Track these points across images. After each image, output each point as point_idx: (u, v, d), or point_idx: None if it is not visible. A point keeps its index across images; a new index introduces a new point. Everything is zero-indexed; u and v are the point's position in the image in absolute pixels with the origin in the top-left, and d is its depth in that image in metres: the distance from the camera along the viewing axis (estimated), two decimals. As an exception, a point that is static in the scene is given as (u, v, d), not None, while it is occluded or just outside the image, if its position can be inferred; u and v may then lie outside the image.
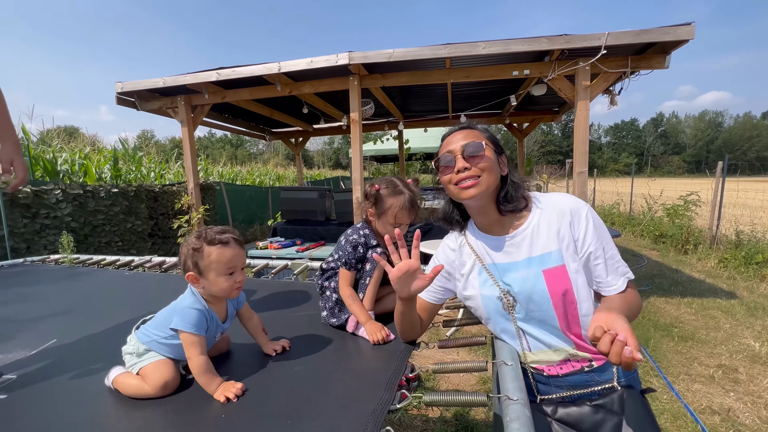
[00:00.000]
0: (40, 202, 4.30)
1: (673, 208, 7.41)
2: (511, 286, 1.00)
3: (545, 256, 0.96)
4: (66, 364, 1.11)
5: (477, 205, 1.00)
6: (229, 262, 0.98)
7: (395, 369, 1.01)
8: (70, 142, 8.26)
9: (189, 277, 0.98)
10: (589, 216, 0.96)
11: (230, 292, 1.00)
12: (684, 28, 2.96)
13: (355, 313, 1.26)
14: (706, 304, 4.07)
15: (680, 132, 79.57)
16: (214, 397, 0.90)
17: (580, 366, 0.98)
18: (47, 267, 2.56)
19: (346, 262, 1.29)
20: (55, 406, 0.90)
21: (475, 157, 0.95)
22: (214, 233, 0.99)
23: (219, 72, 3.96)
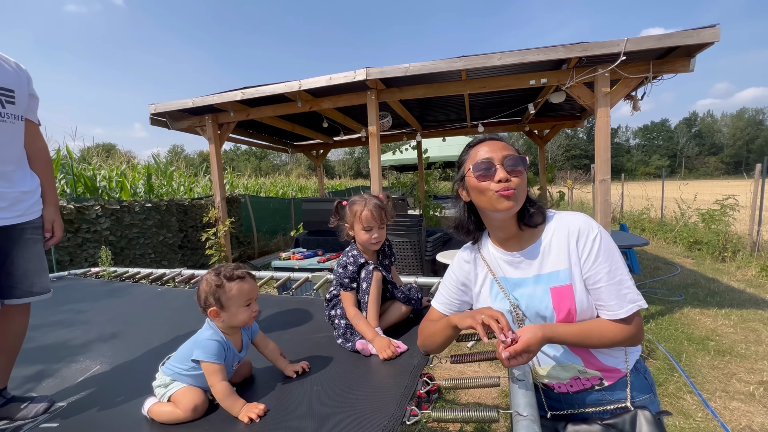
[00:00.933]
0: (81, 217, 4.61)
1: (708, 213, 7.04)
2: (519, 301, 1.01)
3: (554, 274, 0.97)
4: (108, 392, 1.21)
5: (503, 218, 1.00)
6: (247, 295, 1.08)
7: (407, 385, 1.04)
8: (108, 159, 8.82)
9: (211, 312, 1.06)
10: (597, 238, 0.94)
11: (248, 321, 1.10)
12: (708, 30, 2.87)
13: (362, 331, 1.30)
14: (747, 315, 3.84)
15: (716, 132, 75.47)
16: (238, 418, 0.97)
17: (590, 384, 0.98)
18: (89, 281, 2.75)
19: (341, 284, 1.38)
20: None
21: (514, 171, 0.95)
22: (231, 270, 1.09)
23: (243, 91, 4.16)
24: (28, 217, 1.22)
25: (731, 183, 11.30)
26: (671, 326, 3.62)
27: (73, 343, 1.64)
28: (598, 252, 0.93)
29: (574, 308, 0.94)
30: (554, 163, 7.63)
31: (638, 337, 0.93)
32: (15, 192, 1.18)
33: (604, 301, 0.92)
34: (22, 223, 1.20)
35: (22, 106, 1.24)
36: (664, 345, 3.23)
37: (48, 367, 1.41)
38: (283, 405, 1.03)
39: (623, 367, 0.98)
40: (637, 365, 1.00)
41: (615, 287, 0.91)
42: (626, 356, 0.99)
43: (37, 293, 1.25)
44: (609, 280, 0.91)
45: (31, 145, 1.32)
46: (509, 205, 0.94)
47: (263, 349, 1.22)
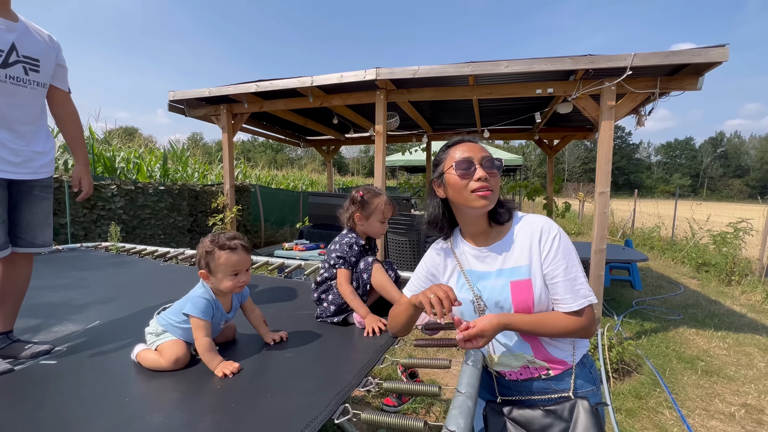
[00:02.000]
0: (98, 195, 4.84)
1: (720, 236, 6.90)
2: (482, 293, 1.09)
3: (515, 269, 1.04)
4: (104, 341, 1.34)
5: (476, 215, 1.07)
6: (235, 266, 1.16)
7: (369, 360, 1.13)
8: (130, 142, 9.15)
9: (201, 274, 1.18)
10: (557, 238, 1.02)
11: (233, 289, 1.18)
12: (717, 50, 2.87)
13: (355, 308, 1.41)
14: (743, 339, 3.80)
15: (743, 153, 73.03)
16: (214, 372, 1.07)
17: (537, 373, 1.05)
18: (98, 253, 2.92)
19: (346, 260, 1.46)
20: (92, 372, 1.12)
21: (491, 171, 1.03)
22: (225, 239, 1.18)
23: (258, 84, 4.30)
24: (38, 175, 1.36)
25: (748, 207, 11.00)
26: (663, 344, 3.60)
27: (77, 302, 1.78)
28: (557, 250, 1.01)
29: (531, 301, 1.01)
30: (562, 175, 7.56)
31: (589, 330, 1.00)
32: (29, 150, 1.32)
33: (560, 295, 1.00)
34: (32, 180, 1.34)
35: (47, 75, 1.38)
36: (653, 361, 3.23)
37: (52, 319, 1.56)
38: (257, 366, 1.13)
39: (570, 360, 1.05)
40: (584, 359, 1.07)
41: (570, 283, 0.99)
42: (574, 350, 1.06)
43: (39, 245, 1.38)
44: (565, 276, 0.99)
45: (63, 109, 1.47)
46: (485, 203, 1.01)
47: (249, 314, 1.32)
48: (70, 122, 1.49)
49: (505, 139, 7.41)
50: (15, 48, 1.25)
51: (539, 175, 52.55)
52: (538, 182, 7.03)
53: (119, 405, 0.92)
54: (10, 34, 1.24)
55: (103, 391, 1.00)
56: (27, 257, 1.39)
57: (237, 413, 0.87)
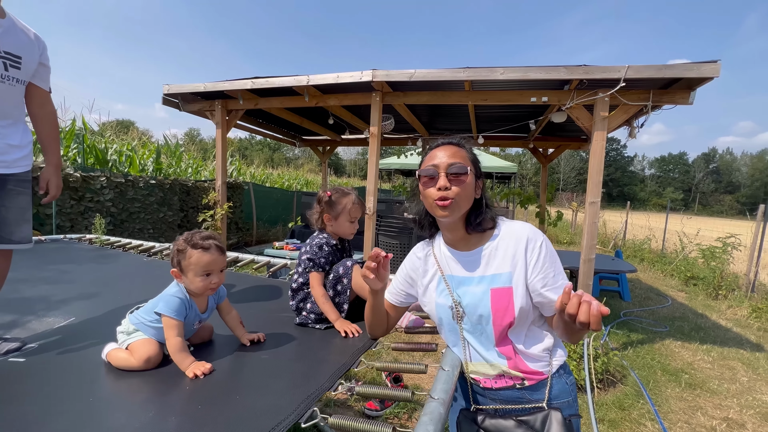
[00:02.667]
0: (87, 186, 4.76)
1: (709, 250, 6.98)
2: (461, 299, 1.06)
3: (496, 276, 1.02)
4: (77, 339, 1.30)
5: (447, 222, 1.07)
6: (206, 266, 1.13)
7: (344, 363, 1.11)
8: (125, 135, 9.05)
9: (173, 273, 1.14)
10: (543, 246, 1.01)
11: (204, 291, 1.15)
12: (709, 65, 2.90)
13: (326, 312, 1.38)
14: (727, 353, 3.82)
15: (735, 170, 74.21)
16: (185, 373, 1.04)
17: (512, 383, 1.03)
18: (81, 246, 2.86)
19: (315, 262, 1.43)
20: (59, 370, 1.08)
21: (457, 179, 0.99)
22: (199, 238, 1.15)
23: (254, 81, 4.27)
24: (13, 169, 1.32)
25: (737, 223, 11.15)
26: (648, 355, 3.61)
27: (54, 297, 1.73)
28: (545, 258, 1.00)
29: (511, 308, 0.99)
30: (555, 184, 7.61)
31: None
32: (2, 144, 1.29)
33: (548, 299, 0.99)
34: (6, 174, 1.30)
35: (28, 72, 1.34)
36: (638, 373, 3.24)
37: (26, 315, 1.51)
38: (230, 368, 1.10)
39: (546, 370, 1.03)
40: (561, 370, 1.05)
41: (559, 290, 0.98)
42: (551, 360, 1.04)
43: (16, 242, 1.34)
44: (554, 283, 0.98)
45: (41, 109, 1.43)
46: (444, 214, 1.00)
47: (225, 315, 1.29)
48: (47, 122, 1.46)
49: (500, 146, 7.44)
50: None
51: (534, 184, 52.90)
52: (532, 191, 7.07)
53: (81, 404, 0.89)
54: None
55: (68, 390, 0.97)
56: (3, 254, 1.35)
57: (201, 415, 0.84)
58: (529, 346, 1.02)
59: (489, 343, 1.03)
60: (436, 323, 1.17)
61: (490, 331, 1.02)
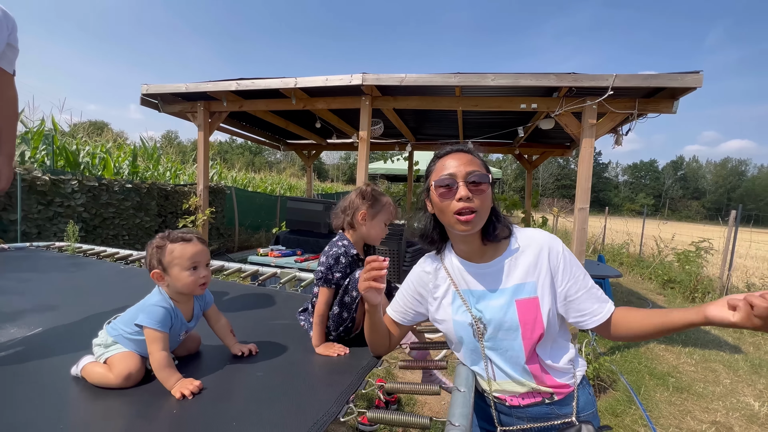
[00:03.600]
0: (56, 190, 4.48)
1: (684, 254, 7.24)
2: (483, 314, 0.99)
3: (520, 286, 0.97)
4: (45, 352, 1.16)
5: (465, 235, 0.98)
6: (192, 257, 1.02)
7: (350, 384, 1.02)
8: (98, 136, 8.64)
9: (154, 275, 1.03)
10: (565, 252, 0.98)
11: (194, 287, 1.04)
12: (692, 75, 2.99)
13: (315, 332, 1.26)
14: (708, 356, 3.92)
15: (701, 177, 78.23)
16: (172, 392, 0.93)
17: (541, 398, 0.97)
18: (50, 254, 2.65)
19: (326, 279, 1.26)
20: (24, 389, 0.95)
21: (478, 189, 0.92)
22: (178, 233, 1.05)
23: (239, 82, 4.14)
24: None
25: (708, 228, 11.67)
26: (635, 359, 3.66)
27: (20, 307, 1.57)
28: (570, 264, 0.97)
29: (540, 320, 0.94)
30: (539, 190, 7.77)
31: None
32: None
33: (589, 309, 0.95)
34: None
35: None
36: (627, 377, 3.27)
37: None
38: (222, 385, 1.00)
39: (572, 382, 0.99)
40: (584, 380, 1.01)
41: (591, 292, 0.96)
42: (575, 371, 1.00)
43: None
44: (585, 287, 0.95)
45: (2, 92, 1.29)
46: (465, 228, 0.93)
47: (214, 323, 1.18)
48: (6, 106, 1.31)
49: (485, 152, 7.51)
50: None
51: (515, 189, 54.05)
52: (515, 196, 7.17)
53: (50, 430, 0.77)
54: None
55: (35, 411, 0.84)
56: None
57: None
58: (556, 359, 0.98)
59: (517, 359, 0.97)
60: (453, 342, 1.09)
61: (519, 346, 0.96)
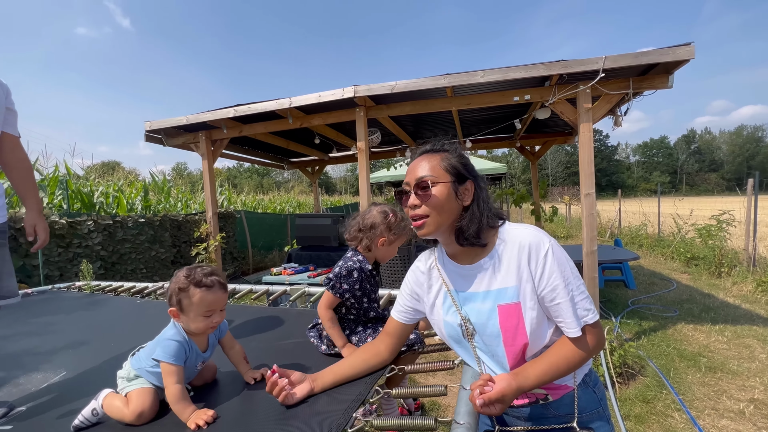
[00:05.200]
0: (73, 232, 4.64)
1: (705, 229, 7.01)
2: (470, 316, 0.99)
3: (502, 291, 0.93)
4: (70, 397, 1.19)
5: (429, 238, 0.99)
6: (209, 305, 1.05)
7: (358, 394, 1.03)
8: (111, 175, 8.94)
9: (171, 312, 1.06)
10: (549, 254, 0.90)
11: (204, 331, 1.08)
12: (683, 48, 2.94)
13: (333, 336, 1.30)
14: (741, 331, 3.77)
15: (716, 148, 75.92)
16: (186, 424, 0.95)
17: (535, 398, 0.96)
18: (70, 294, 2.75)
19: (335, 286, 1.29)
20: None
21: (425, 194, 0.92)
22: (202, 275, 1.06)
23: (236, 109, 4.25)
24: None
25: (727, 199, 11.28)
26: (663, 342, 3.55)
27: (42, 351, 1.63)
28: (551, 268, 0.89)
29: (522, 326, 0.90)
30: (546, 180, 7.68)
31: (599, 346, 0.91)
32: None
33: (563, 318, 0.88)
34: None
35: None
36: (655, 361, 3.17)
37: (13, 373, 1.40)
38: (236, 412, 1.02)
39: (571, 382, 0.96)
40: (586, 378, 0.98)
41: (571, 303, 0.88)
42: (575, 371, 0.97)
43: (4, 296, 1.26)
44: (565, 295, 0.88)
45: (11, 155, 1.36)
46: (420, 233, 0.95)
47: (228, 350, 1.21)
48: (21, 167, 1.39)
49: (487, 148, 7.49)
50: None
51: (524, 182, 53.43)
52: (524, 189, 7.10)
53: None
54: None
55: None
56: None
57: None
58: None
59: (502, 364, 0.96)
60: (447, 341, 1.10)
61: (502, 353, 0.94)
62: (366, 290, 1.37)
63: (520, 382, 0.84)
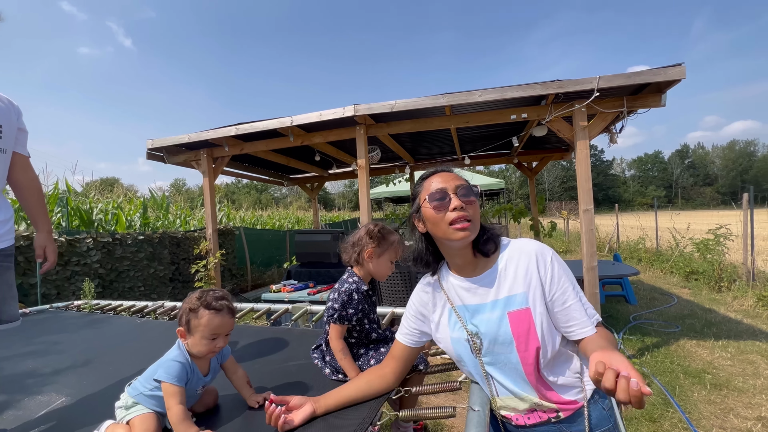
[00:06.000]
0: (72, 250, 4.62)
1: (703, 243, 7.05)
2: (478, 328, 1.00)
3: (511, 298, 0.96)
4: (70, 424, 1.17)
5: (459, 246, 0.99)
6: (215, 329, 1.06)
7: (365, 417, 1.02)
8: (110, 192, 8.96)
9: (179, 331, 1.08)
10: (554, 260, 0.97)
11: (206, 354, 1.08)
12: (675, 68, 3.04)
13: (345, 368, 1.28)
14: (744, 347, 3.75)
15: (710, 163, 77.05)
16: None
17: (546, 417, 0.95)
18: (69, 314, 2.72)
19: (341, 315, 1.29)
20: None
21: (468, 200, 0.97)
22: (213, 298, 1.08)
23: (237, 127, 4.31)
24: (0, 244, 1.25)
25: (723, 213, 11.37)
26: (667, 359, 3.52)
27: (41, 375, 1.60)
28: (559, 273, 0.95)
29: (534, 331, 0.93)
30: (544, 195, 7.73)
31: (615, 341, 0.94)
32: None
33: (576, 319, 0.93)
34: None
35: (10, 140, 1.31)
36: (660, 378, 3.13)
37: (11, 399, 1.37)
38: (238, 437, 1.00)
39: (580, 398, 0.96)
40: (595, 394, 0.98)
41: (581, 303, 0.94)
42: (584, 386, 0.98)
43: (5, 321, 1.25)
44: (575, 296, 0.94)
45: (23, 175, 1.38)
46: (464, 235, 0.95)
47: (231, 374, 1.20)
48: (32, 188, 1.41)
49: (485, 164, 7.58)
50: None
51: (521, 197, 53.77)
52: (522, 204, 7.16)
53: None
54: None
55: None
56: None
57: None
58: (558, 373, 0.96)
59: (515, 374, 0.96)
60: (454, 360, 1.10)
61: (516, 359, 0.95)
62: (365, 311, 1.37)
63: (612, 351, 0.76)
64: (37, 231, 1.40)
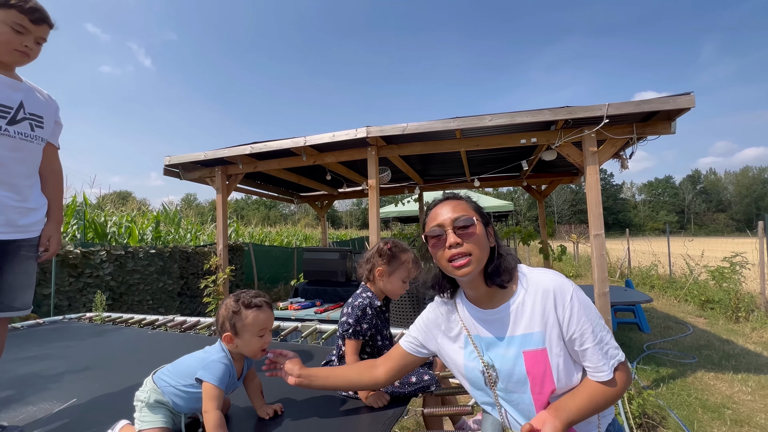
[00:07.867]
0: (86, 262, 4.70)
1: (718, 271, 6.88)
2: (493, 362, 0.98)
3: (527, 336, 0.94)
4: (81, 423, 1.20)
5: (468, 280, 0.98)
6: (262, 324, 1.09)
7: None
8: (123, 205, 9.17)
9: (226, 337, 1.08)
10: (575, 297, 0.92)
11: (258, 352, 1.10)
12: (684, 97, 3.08)
13: None
14: (765, 381, 3.60)
15: (722, 189, 76.01)
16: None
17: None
18: (81, 325, 2.76)
19: (356, 330, 1.29)
20: None
21: (466, 232, 0.93)
22: (250, 297, 1.11)
23: (252, 146, 4.44)
24: (28, 234, 1.31)
25: (738, 240, 11.14)
26: (684, 391, 3.40)
27: (54, 378, 1.64)
28: (579, 313, 0.90)
29: (549, 373, 0.91)
30: (553, 218, 7.69)
31: (629, 382, 0.93)
32: (23, 207, 1.29)
33: (592, 363, 0.89)
34: (20, 240, 1.28)
35: (49, 131, 1.41)
36: (677, 412, 3.02)
37: (25, 398, 1.41)
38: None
39: (595, 431, 0.95)
40: (610, 428, 0.96)
41: (599, 346, 0.89)
42: (599, 421, 0.96)
43: (18, 308, 1.29)
44: (593, 340, 0.89)
45: (49, 164, 1.46)
46: (464, 272, 0.93)
47: (249, 381, 1.22)
48: (54, 178, 1.48)
49: (494, 186, 7.61)
50: (23, 105, 1.29)
51: (529, 219, 53.41)
52: (531, 227, 7.11)
53: None
54: (18, 93, 1.28)
55: None
56: (2, 321, 1.29)
57: None
58: None
59: (528, 413, 0.95)
60: (466, 386, 1.08)
61: (529, 400, 0.93)
62: (378, 327, 1.37)
63: (563, 418, 0.83)
64: (48, 221, 1.45)
